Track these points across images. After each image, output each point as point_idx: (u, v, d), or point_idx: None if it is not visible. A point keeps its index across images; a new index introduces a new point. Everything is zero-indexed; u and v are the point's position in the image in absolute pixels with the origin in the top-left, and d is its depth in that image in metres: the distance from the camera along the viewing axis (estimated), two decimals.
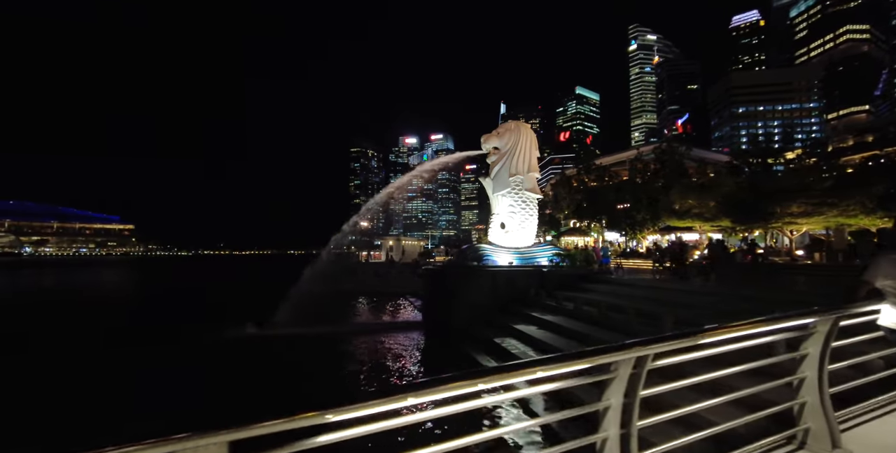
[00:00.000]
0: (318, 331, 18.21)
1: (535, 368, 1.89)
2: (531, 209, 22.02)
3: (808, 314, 2.87)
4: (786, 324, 2.82)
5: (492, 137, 21.85)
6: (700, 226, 26.54)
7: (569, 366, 1.98)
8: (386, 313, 25.29)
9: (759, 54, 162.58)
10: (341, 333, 18.45)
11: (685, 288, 14.22)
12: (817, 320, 2.90)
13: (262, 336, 17.92)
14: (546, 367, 1.91)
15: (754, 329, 2.59)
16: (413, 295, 28.18)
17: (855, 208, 19.75)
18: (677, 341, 2.27)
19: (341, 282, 37.16)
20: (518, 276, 19.61)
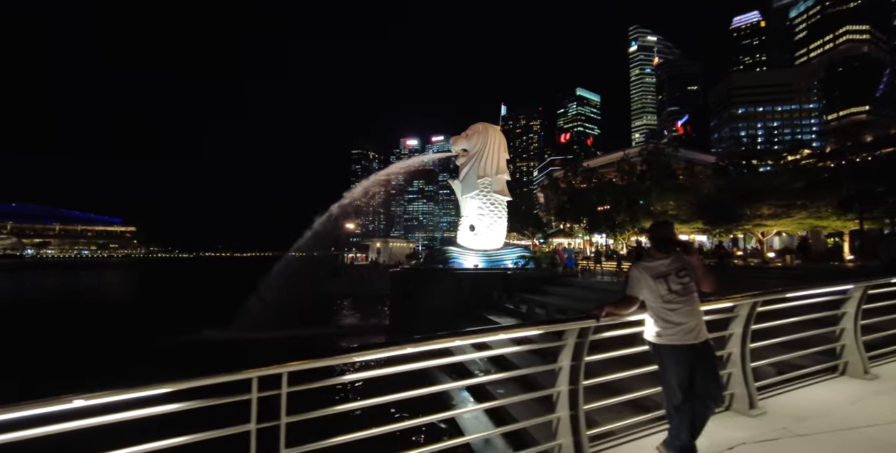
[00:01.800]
0: (276, 335, 18.12)
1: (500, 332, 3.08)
2: (500, 211, 21.88)
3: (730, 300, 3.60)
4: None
5: (460, 139, 21.76)
6: (677, 227, 26.27)
7: (528, 331, 3.06)
8: (356, 316, 25.21)
9: (759, 55, 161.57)
10: (301, 337, 18.36)
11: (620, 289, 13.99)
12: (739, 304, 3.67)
13: (218, 340, 17.85)
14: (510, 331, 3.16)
15: None
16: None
17: (825, 210, 19.47)
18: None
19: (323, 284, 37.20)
20: (483, 279, 19.47)
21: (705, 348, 2.80)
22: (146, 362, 13.53)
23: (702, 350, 2.77)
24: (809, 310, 4.48)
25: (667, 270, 2.84)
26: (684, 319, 2.76)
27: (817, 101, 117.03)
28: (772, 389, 4.05)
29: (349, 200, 22.53)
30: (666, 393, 2.83)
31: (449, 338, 2.57)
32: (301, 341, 17.86)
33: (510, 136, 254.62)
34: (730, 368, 3.71)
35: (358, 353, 2.25)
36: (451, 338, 2.58)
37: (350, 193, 22.43)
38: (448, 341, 2.61)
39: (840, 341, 4.50)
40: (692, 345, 2.75)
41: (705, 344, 2.81)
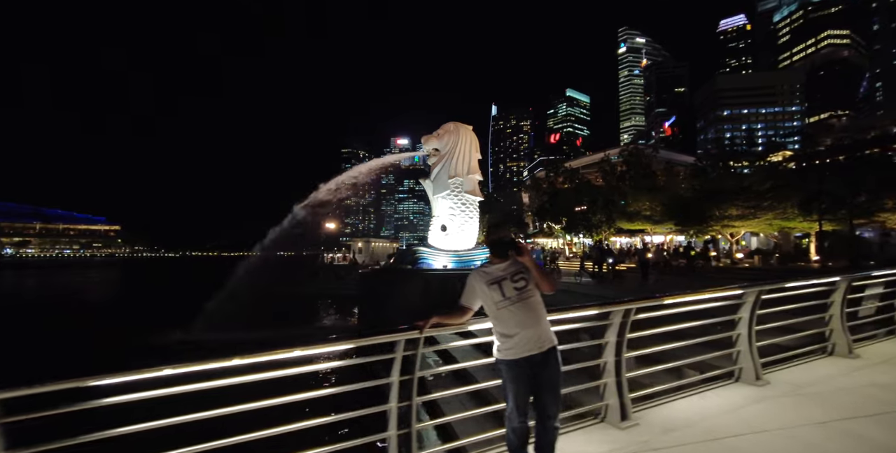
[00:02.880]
0: (246, 337, 17.75)
1: None
2: (471, 211, 21.76)
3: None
4: None
5: (431, 138, 21.60)
6: (651, 227, 26.42)
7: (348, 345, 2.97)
8: (332, 317, 24.90)
9: (745, 58, 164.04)
10: (273, 339, 17.99)
11: (589, 290, 14.03)
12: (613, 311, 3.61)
13: (182, 342, 17.45)
14: None
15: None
16: None
17: (791, 211, 19.66)
18: None
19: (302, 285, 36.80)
20: (452, 280, 19.31)
21: (547, 359, 2.61)
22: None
23: (542, 361, 2.59)
24: (706, 314, 4.41)
25: (503, 275, 2.67)
26: (520, 328, 2.61)
27: (800, 103, 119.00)
28: (657, 399, 3.92)
29: (315, 199, 22.13)
30: (506, 412, 2.67)
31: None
32: (265, 342, 17.50)
33: (501, 136, 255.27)
34: (605, 378, 3.57)
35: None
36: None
37: (316, 192, 21.99)
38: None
39: (735, 347, 4.43)
40: (530, 357, 2.57)
41: (548, 354, 2.62)
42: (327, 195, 21.88)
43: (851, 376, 4.45)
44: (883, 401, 3.76)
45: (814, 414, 3.57)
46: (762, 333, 5.34)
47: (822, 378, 4.41)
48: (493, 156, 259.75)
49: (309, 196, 22.24)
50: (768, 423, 3.42)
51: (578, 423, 3.54)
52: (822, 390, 4.07)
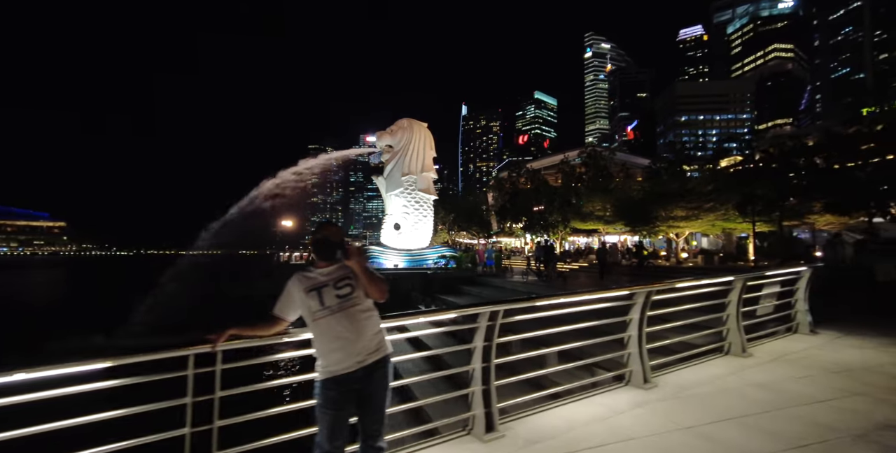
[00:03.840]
0: (175, 341, 16.68)
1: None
2: (425, 210, 21.47)
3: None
4: None
5: (385, 135, 21.13)
6: (603, 227, 27.02)
7: None
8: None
9: (702, 66, 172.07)
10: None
11: (533, 290, 14.05)
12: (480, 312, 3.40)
13: (104, 346, 16.23)
14: None
15: None
16: None
17: (731, 212, 20.53)
18: None
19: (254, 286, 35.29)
20: (403, 280, 19.00)
21: (370, 373, 2.29)
22: None
23: (365, 376, 2.27)
24: (603, 315, 4.30)
25: (324, 280, 2.33)
26: (338, 342, 2.26)
27: (749, 111, 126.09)
28: (536, 407, 3.72)
29: (264, 192, 21.08)
30: (316, 438, 2.30)
31: None
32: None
33: (471, 136, 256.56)
34: (472, 386, 3.33)
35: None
36: None
37: (264, 184, 20.95)
38: None
39: (626, 349, 4.32)
40: (350, 374, 2.25)
41: (372, 368, 2.31)
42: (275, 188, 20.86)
43: (737, 376, 4.44)
44: (754, 401, 3.72)
45: (685, 418, 3.47)
46: (664, 334, 5.35)
47: (709, 379, 4.37)
48: (463, 155, 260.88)
49: (256, 189, 21.12)
50: (637, 430, 3.28)
51: (445, 436, 3.31)
52: (704, 392, 4.01)
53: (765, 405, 3.64)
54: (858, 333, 6.27)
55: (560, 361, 4.38)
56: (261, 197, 20.77)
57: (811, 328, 6.26)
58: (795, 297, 6.30)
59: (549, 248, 16.50)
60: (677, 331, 5.65)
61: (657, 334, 5.10)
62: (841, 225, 22.45)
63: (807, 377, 4.35)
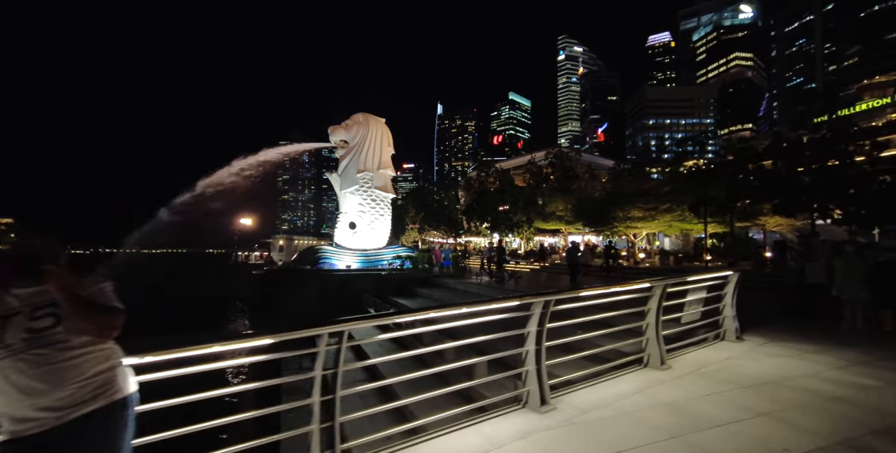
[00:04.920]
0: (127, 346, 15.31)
1: None
2: (382, 209, 20.73)
3: None
4: None
5: (339, 129, 20.24)
6: (565, 227, 27.02)
7: None
8: (236, 323, 22.64)
9: (670, 72, 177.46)
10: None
11: (482, 291, 13.63)
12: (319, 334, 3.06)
13: None
14: None
15: None
16: None
17: (687, 213, 20.79)
18: None
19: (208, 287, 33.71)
20: (355, 281, 18.25)
21: (70, 435, 1.63)
22: None
23: (64, 438, 1.62)
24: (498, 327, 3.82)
25: (17, 308, 1.69)
26: (20, 395, 1.60)
27: (713, 116, 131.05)
28: (429, 433, 3.25)
29: (209, 185, 19.76)
30: None
31: None
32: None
33: (446, 135, 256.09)
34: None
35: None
36: None
37: (209, 177, 19.58)
38: None
39: (524, 366, 3.84)
40: (40, 435, 1.60)
41: (84, 424, 1.67)
42: (216, 183, 19.55)
43: (645, 394, 4.03)
44: (652, 428, 3.29)
45: (566, 450, 3.00)
46: (579, 346, 4.91)
47: (615, 398, 3.94)
48: (438, 154, 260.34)
49: (197, 185, 19.75)
50: None
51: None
52: (601, 417, 3.56)
53: (661, 432, 3.22)
54: (783, 339, 6.07)
55: (436, 383, 3.84)
56: (201, 192, 19.44)
57: (737, 335, 6.01)
58: (723, 303, 6.03)
59: (500, 249, 16.09)
60: (594, 343, 5.27)
61: (569, 346, 4.68)
62: (789, 226, 23.23)
63: (717, 394, 3.98)
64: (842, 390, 4.02)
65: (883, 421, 3.31)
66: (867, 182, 16.30)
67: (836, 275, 7.12)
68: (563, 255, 31.81)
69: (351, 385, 3.04)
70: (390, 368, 5.90)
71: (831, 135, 17.24)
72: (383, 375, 5.43)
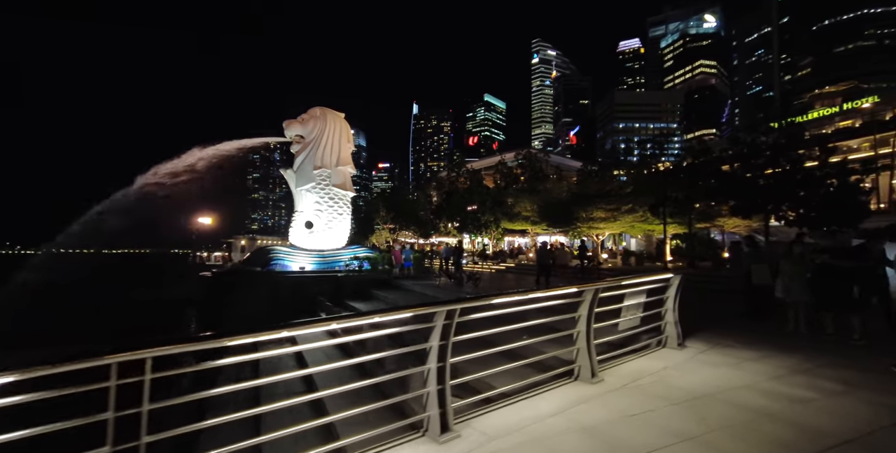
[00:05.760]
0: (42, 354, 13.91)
1: None
2: (341, 207, 19.88)
3: None
4: None
5: (294, 124, 19.25)
6: (531, 228, 26.89)
7: None
8: (188, 327, 21.27)
9: (639, 77, 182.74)
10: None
11: (437, 293, 13.11)
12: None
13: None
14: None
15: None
16: None
17: (647, 214, 20.94)
18: None
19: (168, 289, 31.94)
20: (309, 284, 17.34)
21: None
22: None
23: None
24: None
25: None
26: None
27: (679, 121, 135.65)
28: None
29: (153, 178, 18.32)
30: None
31: None
32: None
33: (422, 135, 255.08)
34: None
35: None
36: None
37: (155, 170, 18.09)
38: None
39: (425, 387, 3.30)
40: None
41: None
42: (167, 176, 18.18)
43: (567, 415, 3.56)
44: None
45: None
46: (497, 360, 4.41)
47: (531, 420, 3.46)
48: (413, 154, 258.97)
49: (146, 175, 18.26)
50: None
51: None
52: (506, 446, 3.06)
53: None
54: (725, 344, 5.79)
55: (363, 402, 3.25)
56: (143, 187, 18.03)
57: (679, 341, 5.68)
58: (664, 308, 5.69)
59: (458, 249, 15.60)
60: (521, 354, 4.79)
61: (489, 359, 4.17)
62: (746, 227, 23.80)
63: (645, 414, 3.55)
64: (776, 404, 3.67)
65: (814, 444, 2.95)
66: (816, 185, 16.76)
67: (781, 276, 6.96)
68: (530, 256, 31.86)
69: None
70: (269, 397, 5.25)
71: (785, 140, 17.68)
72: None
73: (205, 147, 18.59)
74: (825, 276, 6.30)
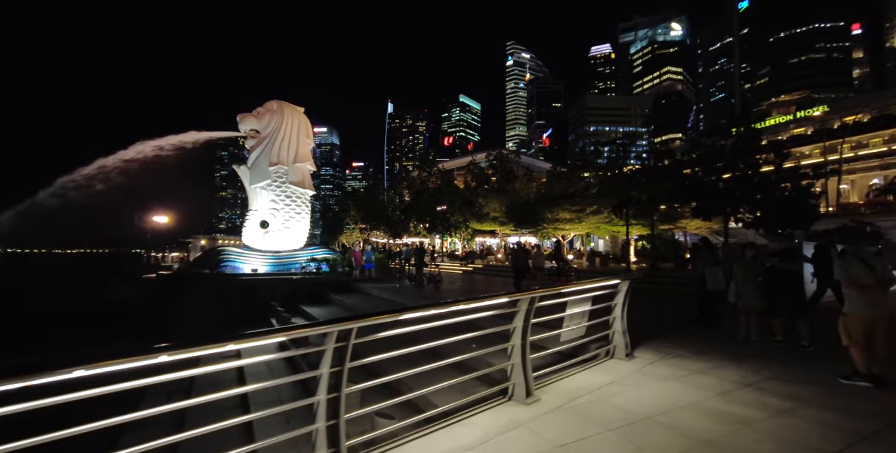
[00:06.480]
0: None
1: None
2: (299, 206, 18.94)
3: None
4: None
5: (249, 117, 18.20)
6: (499, 228, 26.68)
7: None
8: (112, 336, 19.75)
9: (610, 82, 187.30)
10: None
11: (395, 297, 12.56)
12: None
13: None
14: None
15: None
16: None
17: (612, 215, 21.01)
18: None
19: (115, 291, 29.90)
20: (261, 287, 16.38)
21: None
22: None
23: None
24: None
25: None
26: None
27: (646, 125, 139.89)
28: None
29: (89, 172, 16.85)
30: None
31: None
32: None
33: (397, 135, 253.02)
34: None
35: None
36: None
37: (87, 169, 16.63)
38: None
39: (314, 424, 2.75)
40: None
41: None
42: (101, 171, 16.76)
43: (485, 447, 3.09)
44: None
45: None
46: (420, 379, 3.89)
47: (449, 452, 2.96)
48: (388, 154, 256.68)
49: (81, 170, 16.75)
50: None
51: None
52: None
53: None
54: (675, 354, 5.49)
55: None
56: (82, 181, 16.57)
57: (627, 351, 5.34)
58: (612, 316, 5.34)
59: (419, 250, 15.06)
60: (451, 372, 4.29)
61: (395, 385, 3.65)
62: (707, 229, 24.33)
63: (577, 443, 3.12)
64: (719, 427, 3.32)
65: None
66: (772, 189, 17.20)
67: (734, 280, 6.77)
68: (498, 257, 31.66)
69: None
70: None
71: (742, 144, 18.08)
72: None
73: (149, 141, 17.27)
74: (772, 280, 6.13)
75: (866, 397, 3.92)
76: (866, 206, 36.05)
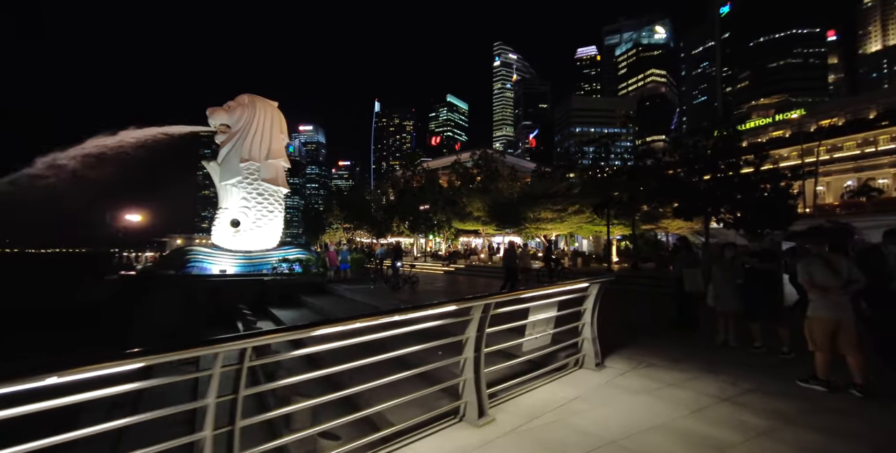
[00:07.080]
0: None
1: None
2: (272, 204, 18.22)
3: None
4: None
5: (219, 111, 17.42)
6: (482, 228, 26.31)
7: None
8: (79, 341, 18.76)
9: (595, 84, 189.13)
10: None
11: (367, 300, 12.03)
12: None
13: None
14: None
15: None
16: None
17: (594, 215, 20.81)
18: None
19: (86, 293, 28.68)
20: (229, 289, 15.65)
21: None
22: None
23: None
24: None
25: None
26: None
27: (631, 127, 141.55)
28: None
29: (45, 165, 15.84)
30: None
31: None
32: None
33: (384, 134, 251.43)
34: None
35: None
36: None
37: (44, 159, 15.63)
38: None
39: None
40: None
41: None
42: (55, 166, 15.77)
43: None
44: None
45: None
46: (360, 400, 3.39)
47: None
48: (375, 153, 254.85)
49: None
50: None
51: None
52: None
53: None
54: (649, 362, 5.09)
55: None
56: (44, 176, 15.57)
57: (598, 360, 4.92)
58: (581, 322, 4.91)
59: (396, 250, 14.54)
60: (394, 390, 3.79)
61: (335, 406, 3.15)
62: (689, 229, 24.34)
63: None
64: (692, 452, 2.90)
65: None
66: (752, 189, 17.18)
67: (712, 282, 6.43)
68: (481, 257, 31.28)
69: None
70: None
71: (723, 145, 18.04)
72: None
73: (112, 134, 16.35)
74: (751, 282, 5.81)
75: (852, 415, 3.56)
76: (841, 207, 36.78)
